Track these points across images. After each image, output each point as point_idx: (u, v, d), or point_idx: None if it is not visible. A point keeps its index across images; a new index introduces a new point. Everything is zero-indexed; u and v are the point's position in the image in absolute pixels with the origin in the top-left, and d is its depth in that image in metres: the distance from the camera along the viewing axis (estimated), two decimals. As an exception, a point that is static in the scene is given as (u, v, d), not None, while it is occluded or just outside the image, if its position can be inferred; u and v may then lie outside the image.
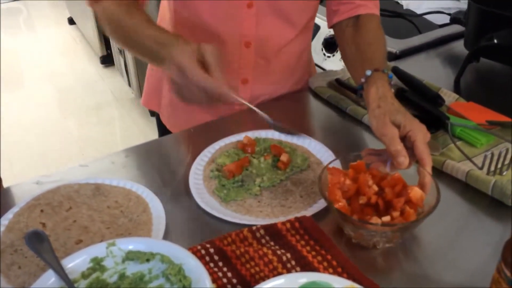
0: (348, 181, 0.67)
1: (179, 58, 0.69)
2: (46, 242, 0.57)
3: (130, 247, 0.57)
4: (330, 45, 1.37)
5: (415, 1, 1.45)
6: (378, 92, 0.74)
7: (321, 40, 1.39)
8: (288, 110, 1.00)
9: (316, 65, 1.42)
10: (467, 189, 0.75)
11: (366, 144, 0.88)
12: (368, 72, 0.78)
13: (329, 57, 1.38)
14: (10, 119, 2.83)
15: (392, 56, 1.19)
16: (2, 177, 1.00)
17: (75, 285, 0.54)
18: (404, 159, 0.65)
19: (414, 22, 1.37)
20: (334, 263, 0.62)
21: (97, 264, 0.56)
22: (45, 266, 0.57)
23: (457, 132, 0.85)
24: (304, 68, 1.06)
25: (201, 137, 0.89)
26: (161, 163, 0.85)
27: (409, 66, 1.10)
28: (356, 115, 0.93)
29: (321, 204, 0.71)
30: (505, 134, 0.82)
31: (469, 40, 1.08)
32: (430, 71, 1.12)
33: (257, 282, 0.59)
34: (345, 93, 0.99)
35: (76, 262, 0.56)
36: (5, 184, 0.95)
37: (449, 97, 0.97)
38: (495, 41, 0.93)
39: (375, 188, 0.66)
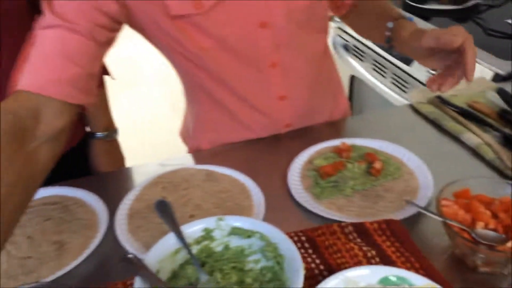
0: (461, 211, 0.68)
1: None
2: (170, 210, 0.68)
3: (236, 224, 0.67)
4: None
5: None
6: (411, 29, 0.80)
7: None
8: (385, 123, 1.04)
9: (419, 81, 1.44)
10: None
11: (461, 159, 0.90)
12: (390, 24, 0.82)
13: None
14: (128, 115, 3.15)
15: (499, 78, 1.18)
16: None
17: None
18: None
19: (527, 44, 1.34)
20: (417, 265, 0.66)
21: (208, 234, 0.66)
22: (166, 232, 0.68)
23: (559, 158, 0.84)
24: (336, 85, 1.08)
25: (299, 140, 0.96)
26: (264, 158, 0.94)
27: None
28: (455, 132, 0.95)
29: (409, 211, 0.75)
30: None
31: None
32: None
33: (342, 271, 0.65)
34: (445, 111, 1.01)
35: (191, 230, 0.66)
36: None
37: (556, 122, 0.95)
38: None
39: (489, 213, 0.67)
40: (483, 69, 1.23)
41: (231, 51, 0.84)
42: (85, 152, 1.09)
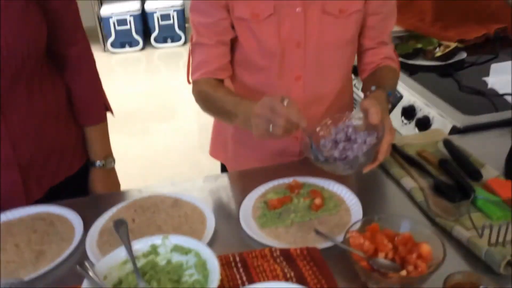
0: (367, 242, 0.78)
1: (268, 102, 0.89)
2: (125, 228, 0.81)
3: (177, 242, 0.79)
4: (408, 113, 1.47)
5: (501, 81, 1.49)
6: (374, 97, 0.99)
7: (401, 108, 1.50)
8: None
9: (396, 129, 1.54)
10: (470, 254, 0.82)
11: (397, 200, 0.99)
12: (373, 88, 1.03)
13: (405, 124, 1.48)
14: (157, 144, 3.35)
15: (455, 130, 1.27)
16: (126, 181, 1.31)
17: (136, 260, 0.77)
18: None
19: (493, 101, 1.42)
20: (325, 286, 0.76)
21: (154, 249, 0.79)
22: (125, 245, 0.81)
23: (479, 204, 0.92)
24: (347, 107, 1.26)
25: (262, 176, 1.08)
26: (226, 191, 1.06)
27: (469, 140, 1.18)
28: (397, 177, 1.04)
29: (330, 243, 0.85)
30: (523, 213, 0.87)
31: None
32: (488, 148, 1.16)
33: (262, 287, 0.75)
34: (395, 157, 1.10)
35: (140, 245, 0.78)
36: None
37: (491, 173, 1.02)
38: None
39: (390, 245, 0.77)
40: (445, 122, 1.32)
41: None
42: (85, 177, 1.24)
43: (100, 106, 1.21)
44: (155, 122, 3.73)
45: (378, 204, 0.98)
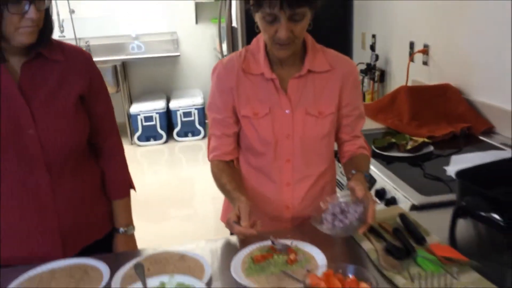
0: (322, 283, 1.00)
1: (227, 221, 1.24)
2: (142, 269, 1.04)
3: (180, 280, 1.01)
4: (380, 195, 1.72)
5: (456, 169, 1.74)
6: (356, 178, 1.28)
7: (374, 190, 1.75)
8: (313, 231, 1.37)
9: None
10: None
11: (357, 260, 1.20)
12: (353, 171, 1.30)
13: (378, 204, 1.72)
14: (175, 229, 3.57)
15: (413, 208, 1.50)
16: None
17: (149, 294, 0.99)
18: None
19: (449, 185, 1.66)
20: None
21: (162, 285, 1.01)
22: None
23: (418, 261, 1.13)
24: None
25: (252, 240, 1.31)
26: (223, 250, 1.30)
27: (424, 216, 1.41)
28: (358, 241, 1.26)
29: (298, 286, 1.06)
30: (449, 268, 1.08)
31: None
32: (439, 222, 1.39)
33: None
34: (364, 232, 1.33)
35: (153, 282, 1.02)
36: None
37: (434, 240, 1.24)
38: (463, 203, 1.21)
39: (339, 284, 1.00)
40: (406, 201, 1.55)
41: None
42: (110, 241, 1.49)
43: (126, 184, 1.50)
44: (174, 208, 3.99)
45: (342, 260, 1.19)
